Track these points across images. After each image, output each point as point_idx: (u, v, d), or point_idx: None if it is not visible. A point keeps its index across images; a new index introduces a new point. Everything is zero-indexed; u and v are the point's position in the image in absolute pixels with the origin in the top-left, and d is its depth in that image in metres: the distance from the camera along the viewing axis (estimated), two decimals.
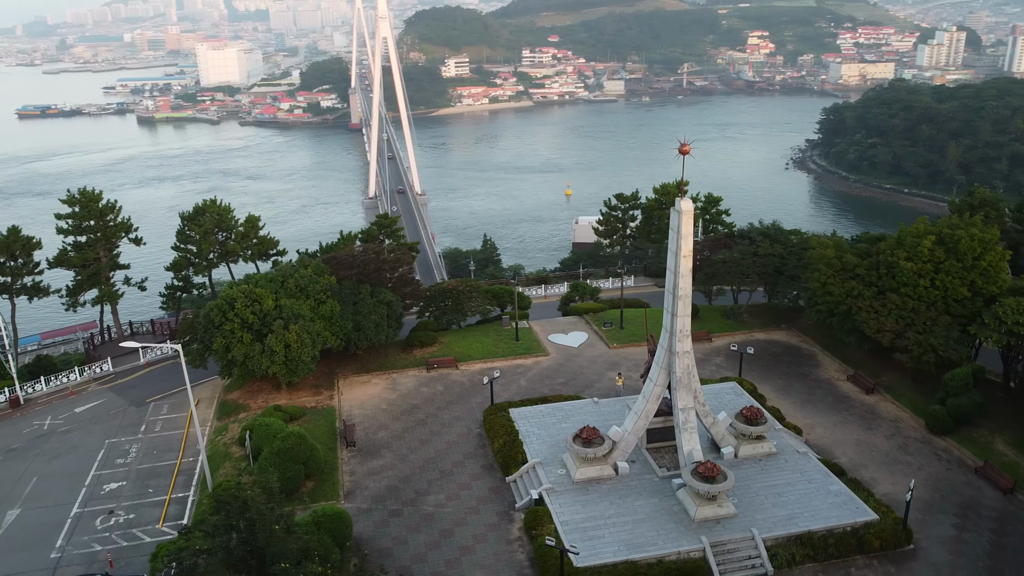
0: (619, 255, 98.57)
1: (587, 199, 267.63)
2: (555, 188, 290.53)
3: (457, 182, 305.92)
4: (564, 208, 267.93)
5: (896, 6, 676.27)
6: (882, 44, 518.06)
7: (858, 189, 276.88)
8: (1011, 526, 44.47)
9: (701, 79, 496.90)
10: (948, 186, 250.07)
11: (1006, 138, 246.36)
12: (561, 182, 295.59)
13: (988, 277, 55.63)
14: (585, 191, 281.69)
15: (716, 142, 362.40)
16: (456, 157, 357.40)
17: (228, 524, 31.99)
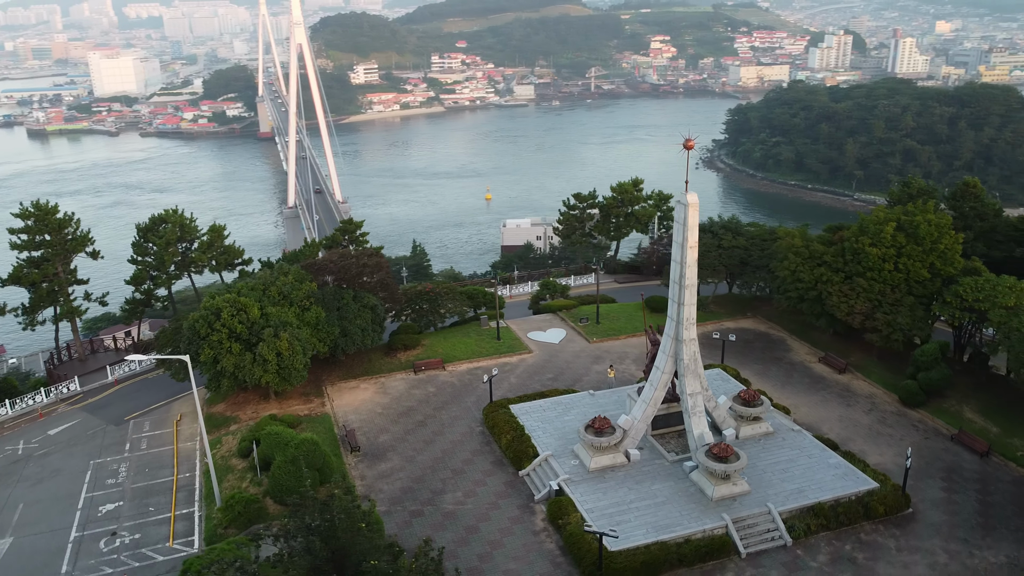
0: (579, 253, 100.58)
1: (508, 203, 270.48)
2: (475, 193, 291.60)
3: (374, 189, 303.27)
4: (485, 212, 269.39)
5: (786, 11, 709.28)
6: (776, 48, 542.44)
7: (765, 186, 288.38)
8: (993, 486, 48.27)
9: (608, 83, 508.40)
10: (848, 181, 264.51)
11: (898, 134, 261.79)
12: (480, 187, 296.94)
13: (945, 259, 60.05)
14: (505, 195, 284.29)
15: (628, 143, 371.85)
16: (371, 164, 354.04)
17: (307, 526, 31.68)
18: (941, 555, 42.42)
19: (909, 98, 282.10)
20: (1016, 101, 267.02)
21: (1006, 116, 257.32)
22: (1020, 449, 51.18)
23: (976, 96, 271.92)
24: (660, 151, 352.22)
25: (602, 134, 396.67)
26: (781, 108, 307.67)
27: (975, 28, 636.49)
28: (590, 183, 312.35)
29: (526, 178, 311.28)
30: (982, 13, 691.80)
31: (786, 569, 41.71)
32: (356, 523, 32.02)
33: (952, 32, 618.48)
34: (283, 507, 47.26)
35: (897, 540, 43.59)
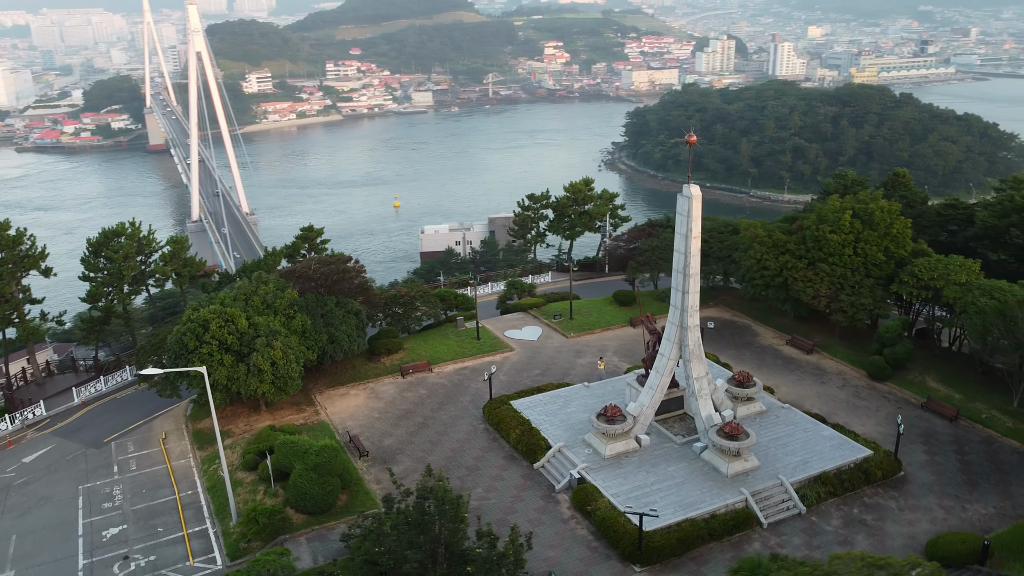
0: (531, 252, 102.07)
1: (417, 210, 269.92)
2: (382, 200, 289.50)
3: (278, 200, 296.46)
4: (395, 220, 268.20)
5: (669, 17, 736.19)
6: (664, 52, 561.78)
7: (666, 185, 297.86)
8: (967, 446, 52.77)
9: (506, 88, 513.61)
10: (744, 178, 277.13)
11: (787, 133, 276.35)
12: (387, 194, 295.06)
13: (898, 242, 64.96)
14: (414, 202, 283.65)
15: (531, 148, 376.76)
16: (271, 175, 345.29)
17: (421, 520, 31.73)
18: (938, 511, 46.19)
19: (795, 99, 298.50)
20: (890, 100, 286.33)
21: (882, 114, 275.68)
22: (984, 412, 56.08)
23: (855, 96, 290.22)
24: (564, 154, 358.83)
25: (504, 139, 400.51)
26: (677, 110, 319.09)
27: (843, 32, 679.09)
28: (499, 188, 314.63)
29: (433, 185, 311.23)
30: (848, 19, 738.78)
31: (806, 535, 44.47)
32: (461, 512, 32.38)
33: (823, 37, 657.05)
34: (306, 516, 46.95)
35: (897, 501, 47.17)
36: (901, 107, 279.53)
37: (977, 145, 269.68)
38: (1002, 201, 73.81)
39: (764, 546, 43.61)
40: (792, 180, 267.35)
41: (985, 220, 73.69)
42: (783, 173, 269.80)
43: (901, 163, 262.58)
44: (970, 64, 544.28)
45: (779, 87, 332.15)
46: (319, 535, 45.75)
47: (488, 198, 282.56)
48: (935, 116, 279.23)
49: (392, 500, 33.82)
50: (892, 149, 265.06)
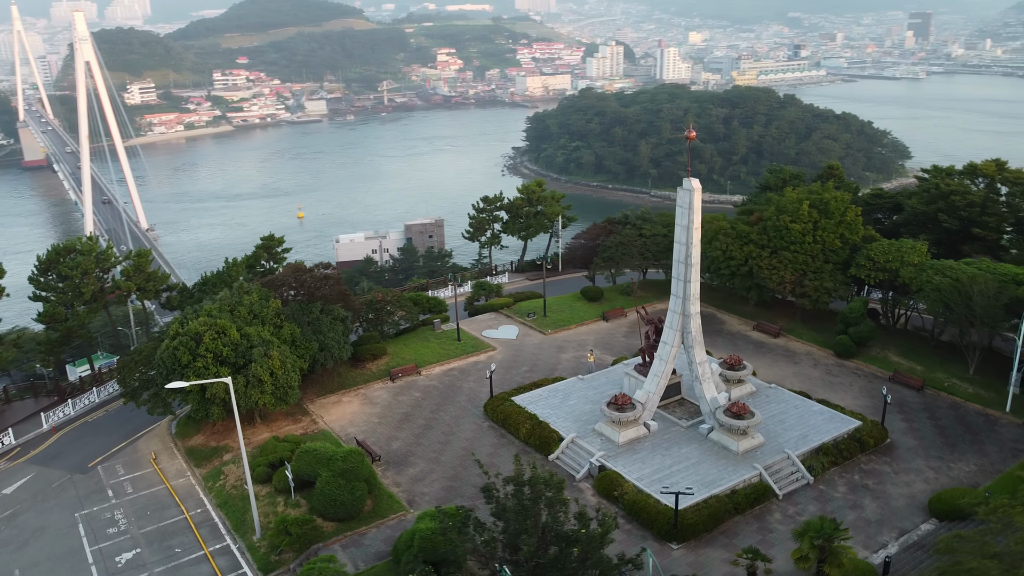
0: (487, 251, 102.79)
1: (322, 220, 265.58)
2: (284, 212, 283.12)
3: (173, 215, 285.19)
4: (299, 231, 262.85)
5: (557, 23, 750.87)
6: (556, 58, 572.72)
7: (570, 187, 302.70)
8: (938, 413, 57.39)
9: (401, 96, 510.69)
10: (644, 179, 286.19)
11: (682, 134, 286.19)
12: (288, 205, 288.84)
13: (851, 229, 69.67)
14: (318, 212, 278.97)
15: (431, 154, 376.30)
16: (163, 189, 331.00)
17: (529, 506, 32.13)
18: (928, 472, 50.19)
19: (688, 101, 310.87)
20: (775, 101, 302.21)
21: (769, 114, 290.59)
22: (946, 381, 61.08)
23: (743, 97, 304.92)
24: (466, 160, 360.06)
25: (403, 147, 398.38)
26: (577, 114, 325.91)
27: (721, 38, 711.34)
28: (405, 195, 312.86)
29: (336, 194, 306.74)
30: (725, 24, 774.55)
31: (818, 503, 47.46)
32: (561, 494, 33.08)
33: (703, 42, 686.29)
34: (335, 523, 46.44)
35: (891, 465, 50.94)
36: (786, 107, 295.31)
37: (855, 142, 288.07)
38: (928, 189, 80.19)
39: (784, 516, 46.31)
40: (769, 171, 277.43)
41: (915, 207, 79.87)
42: (681, 173, 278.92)
43: (789, 160, 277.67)
44: (838, 67, 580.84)
45: (672, 90, 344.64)
46: (353, 541, 45.37)
47: (395, 205, 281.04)
48: (817, 116, 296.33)
49: (491, 489, 34.21)
50: (780, 147, 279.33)
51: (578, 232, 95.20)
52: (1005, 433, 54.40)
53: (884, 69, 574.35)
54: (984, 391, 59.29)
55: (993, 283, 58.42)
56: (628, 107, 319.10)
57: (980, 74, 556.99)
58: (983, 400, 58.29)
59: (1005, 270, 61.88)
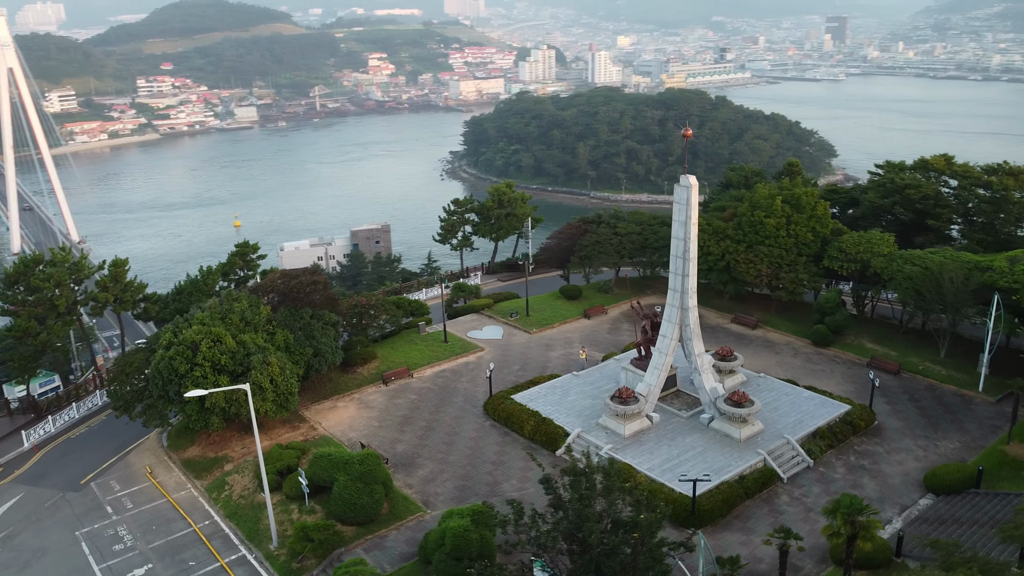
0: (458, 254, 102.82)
1: (261, 228, 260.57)
2: (220, 221, 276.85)
3: (104, 226, 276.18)
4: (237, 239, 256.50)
5: (487, 28, 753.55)
6: (488, 62, 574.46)
7: None
8: (917, 394, 60.28)
9: (333, 101, 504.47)
10: (583, 181, 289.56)
11: (620, 136, 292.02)
12: (224, 214, 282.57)
13: (821, 223, 72.51)
14: (256, 220, 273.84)
15: (368, 160, 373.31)
16: (90, 200, 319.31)
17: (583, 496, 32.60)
18: (917, 450, 52.76)
19: (624, 104, 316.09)
20: (708, 103, 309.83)
21: (703, 116, 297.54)
22: (920, 364, 64.18)
23: (677, 99, 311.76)
24: (404, 165, 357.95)
25: (338, 153, 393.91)
26: (514, 118, 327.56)
27: (649, 41, 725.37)
28: (345, 201, 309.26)
29: (274, 202, 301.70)
30: (651, 28, 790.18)
31: (821, 484, 49.41)
32: (622, 482, 33.71)
33: (631, 46, 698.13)
34: (354, 527, 46.20)
35: (882, 446, 53.35)
36: (717, 109, 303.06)
37: (785, 142, 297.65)
38: (884, 184, 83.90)
39: (791, 498, 48.09)
40: (628, 180, 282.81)
41: (872, 201, 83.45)
42: (619, 174, 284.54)
43: (724, 160, 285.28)
44: (762, 69, 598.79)
45: (607, 93, 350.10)
46: (375, 544, 45.21)
47: (335, 212, 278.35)
48: (747, 116, 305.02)
49: (550, 480, 34.67)
50: (714, 147, 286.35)
51: (550, 232, 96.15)
52: (981, 411, 57.55)
53: (806, 71, 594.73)
54: (956, 373, 62.54)
55: (961, 270, 61.71)
56: (565, 110, 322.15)
57: (894, 75, 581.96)
58: (956, 381, 61.49)
59: (967, 258, 65.34)
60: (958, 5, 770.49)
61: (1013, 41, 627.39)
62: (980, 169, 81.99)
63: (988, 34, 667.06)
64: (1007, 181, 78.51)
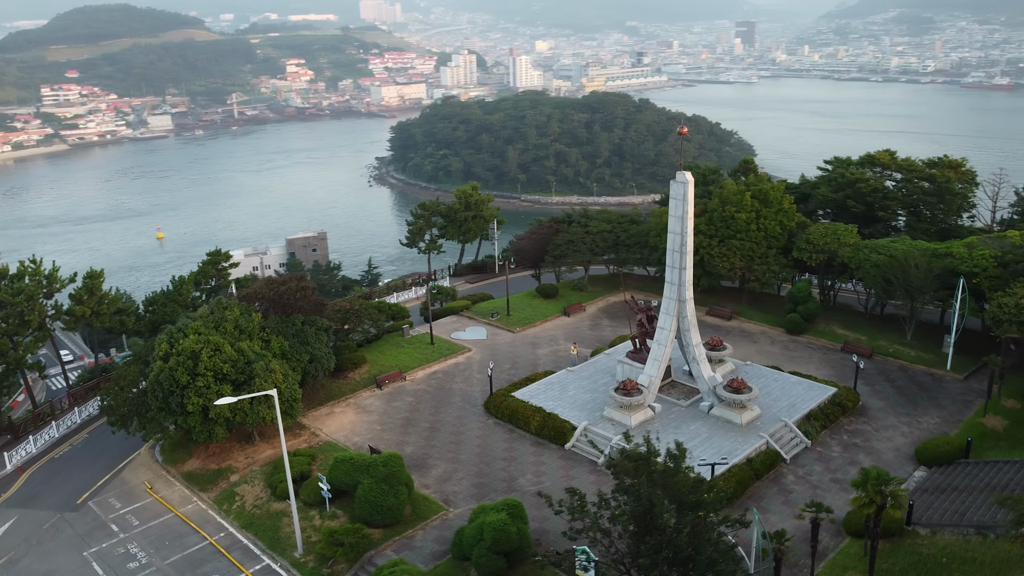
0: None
1: (185, 240, 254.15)
2: (142, 233, 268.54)
3: (14, 242, 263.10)
4: (160, 252, 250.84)
5: (404, 33, 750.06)
6: (409, 68, 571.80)
7: (440, 196, 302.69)
8: (891, 375, 63.74)
9: (252, 109, 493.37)
10: (513, 184, 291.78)
11: (548, 140, 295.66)
12: (145, 226, 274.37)
13: (788, 216, 75.80)
14: (179, 232, 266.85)
15: (293, 167, 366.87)
16: None
17: (651, 480, 33.40)
18: (903, 427, 55.91)
19: (550, 108, 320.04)
20: (632, 105, 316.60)
21: (628, 118, 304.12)
22: (890, 347, 67.85)
23: (602, 103, 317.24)
24: (330, 172, 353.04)
25: (259, 161, 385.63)
26: (442, 123, 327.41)
27: (566, 46, 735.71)
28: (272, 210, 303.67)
29: (197, 212, 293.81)
30: (568, 33, 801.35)
31: (821, 463, 51.88)
32: (681, 466, 34.73)
33: (549, 50, 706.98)
34: (380, 529, 46.08)
35: (870, 424, 56.32)
36: (641, 111, 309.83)
37: (707, 142, 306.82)
38: (835, 178, 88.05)
39: (796, 477, 50.34)
40: (558, 183, 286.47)
41: (824, 195, 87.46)
42: (549, 177, 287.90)
43: (649, 161, 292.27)
44: (678, 72, 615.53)
45: (533, 97, 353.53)
46: (404, 545, 45.22)
47: (263, 221, 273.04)
48: (671, 118, 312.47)
49: (615, 466, 35.47)
50: (640, 149, 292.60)
51: (512, 234, 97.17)
52: (952, 388, 61.35)
53: (719, 74, 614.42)
54: (924, 353, 66.43)
55: (925, 257, 65.61)
56: (492, 114, 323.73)
57: (802, 77, 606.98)
58: (925, 362, 65.32)
59: (925, 246, 69.52)
60: (857, 10, 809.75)
61: (908, 44, 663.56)
62: (922, 163, 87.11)
63: (886, 38, 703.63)
64: (948, 174, 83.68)
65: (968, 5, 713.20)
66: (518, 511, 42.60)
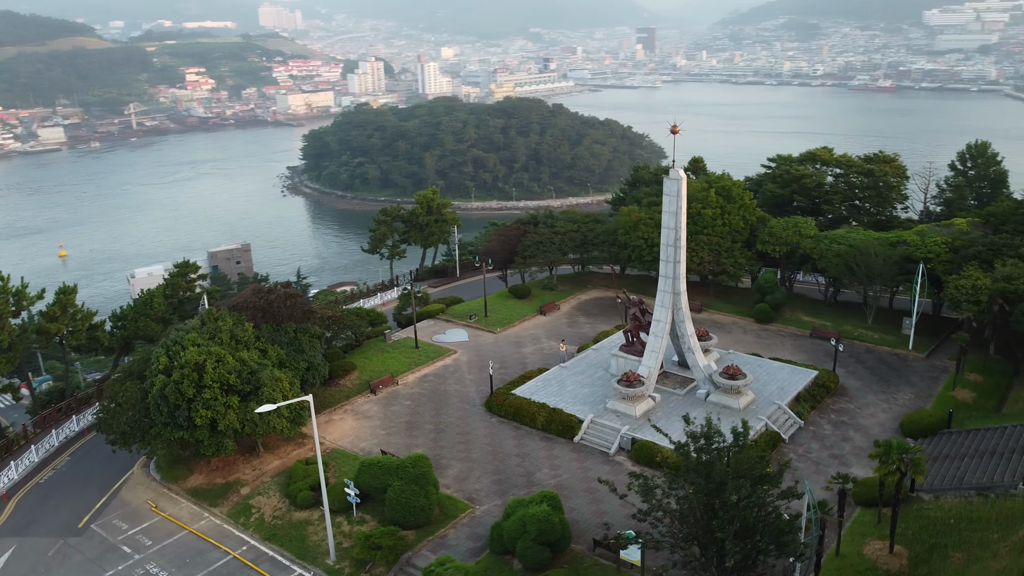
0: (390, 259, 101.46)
1: (91, 257, 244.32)
2: (42, 252, 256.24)
3: None
4: (64, 271, 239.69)
5: (306, 40, 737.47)
6: (314, 75, 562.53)
7: (357, 204, 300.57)
8: (861, 358, 67.66)
9: (151, 119, 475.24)
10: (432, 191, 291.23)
11: (465, 145, 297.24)
12: (45, 245, 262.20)
13: (749, 211, 79.32)
14: (83, 248, 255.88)
15: (199, 179, 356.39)
16: None
17: (720, 457, 34.64)
18: (882, 404, 59.59)
19: (465, 113, 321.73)
20: (546, 111, 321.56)
21: (543, 123, 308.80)
22: (854, 331, 71.97)
23: (517, 108, 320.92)
24: (240, 183, 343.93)
25: (163, 173, 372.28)
26: (356, 130, 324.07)
27: (471, 52, 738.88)
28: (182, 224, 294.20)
29: (101, 228, 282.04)
30: (473, 40, 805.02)
31: (817, 441, 54.83)
32: (747, 443, 36.20)
33: (455, 57, 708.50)
34: (411, 531, 46.10)
35: (852, 403, 59.78)
36: (556, 116, 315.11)
37: (620, 145, 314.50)
38: (782, 175, 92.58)
39: (797, 455, 53.01)
40: (477, 188, 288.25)
41: (772, 191, 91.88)
42: (468, 183, 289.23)
43: (566, 165, 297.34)
44: (584, 78, 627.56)
45: (447, 103, 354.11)
46: (439, 544, 45.36)
47: (173, 235, 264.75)
48: (584, 123, 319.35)
49: (684, 446, 36.69)
50: (556, 153, 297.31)
51: (478, 234, 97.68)
52: (917, 366, 65.72)
53: (624, 79, 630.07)
54: (886, 336, 70.86)
55: (883, 246, 70.04)
56: (407, 121, 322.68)
57: (702, 81, 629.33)
58: (889, 343, 69.69)
59: (877, 236, 74.17)
60: (749, 17, 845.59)
61: (798, 49, 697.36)
62: (859, 159, 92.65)
63: (777, 43, 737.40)
64: (885, 168, 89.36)
65: (850, 12, 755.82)
66: (556, 502, 43.55)
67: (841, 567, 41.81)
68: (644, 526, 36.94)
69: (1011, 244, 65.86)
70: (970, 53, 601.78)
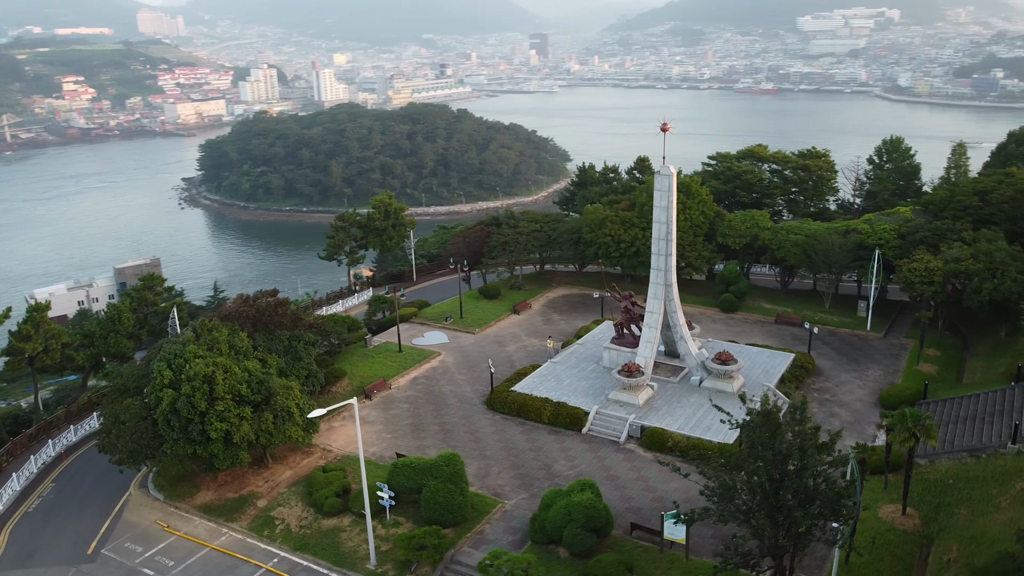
0: None
1: None
2: None
3: None
4: None
5: (191, 47, 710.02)
6: (203, 83, 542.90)
7: (261, 215, 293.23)
8: (826, 340, 71.61)
9: (26, 131, 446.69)
10: (340, 199, 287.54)
11: (371, 152, 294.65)
12: None
13: (708, 206, 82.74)
14: None
15: (86, 193, 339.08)
16: None
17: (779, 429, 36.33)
18: (857, 381, 63.60)
19: (370, 120, 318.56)
20: (452, 116, 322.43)
21: (450, 128, 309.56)
22: (815, 316, 76.18)
23: (422, 114, 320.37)
24: (131, 196, 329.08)
25: (43, 188, 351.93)
26: (257, 139, 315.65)
27: (364, 59, 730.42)
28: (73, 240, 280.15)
29: None
30: (365, 46, 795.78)
31: None
32: (807, 416, 38.02)
33: (348, 63, 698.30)
34: (449, 529, 46.22)
35: (828, 382, 63.56)
36: (462, 122, 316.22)
37: (526, 149, 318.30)
38: (723, 172, 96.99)
39: (794, 432, 55.89)
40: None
41: (717, 187, 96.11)
42: (376, 189, 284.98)
43: (474, 170, 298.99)
44: (480, 83, 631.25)
45: (350, 110, 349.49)
46: (478, 540, 45.62)
47: (64, 252, 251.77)
48: (490, 127, 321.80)
49: (744, 425, 38.28)
50: (464, 158, 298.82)
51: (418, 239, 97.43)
52: (878, 345, 70.41)
53: (520, 84, 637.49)
54: (845, 318, 75.52)
55: (837, 235, 74.66)
56: (310, 128, 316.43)
57: (596, 86, 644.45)
58: (848, 325, 74.31)
59: (827, 226, 78.98)
60: (636, 23, 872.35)
61: (684, 54, 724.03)
62: (794, 155, 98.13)
63: (664, 48, 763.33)
64: (819, 163, 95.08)
65: (730, 18, 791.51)
66: (596, 490, 44.68)
67: (862, 530, 44.65)
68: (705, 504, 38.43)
69: (953, 229, 71.54)
70: (841, 57, 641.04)
